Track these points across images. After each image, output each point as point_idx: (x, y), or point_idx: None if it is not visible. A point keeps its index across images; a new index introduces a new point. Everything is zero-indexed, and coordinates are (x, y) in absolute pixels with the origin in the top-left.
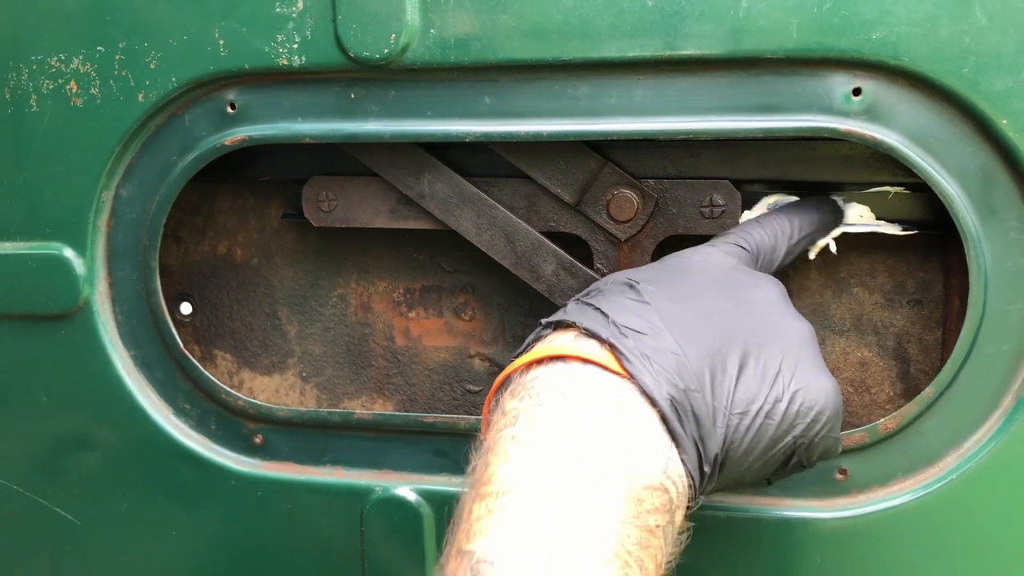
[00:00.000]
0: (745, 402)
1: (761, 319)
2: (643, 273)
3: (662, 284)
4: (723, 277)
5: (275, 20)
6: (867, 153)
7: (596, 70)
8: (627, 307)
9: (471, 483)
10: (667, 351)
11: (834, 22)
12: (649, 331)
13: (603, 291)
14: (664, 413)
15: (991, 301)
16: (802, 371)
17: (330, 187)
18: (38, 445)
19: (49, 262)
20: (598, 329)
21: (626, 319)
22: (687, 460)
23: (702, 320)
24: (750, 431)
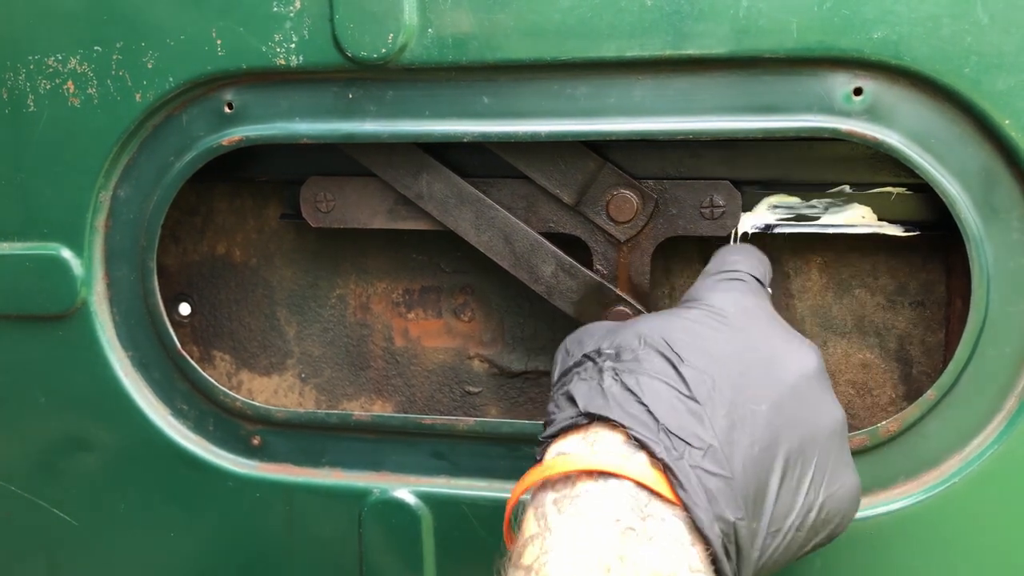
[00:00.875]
0: (780, 519)
1: (801, 411)
2: (676, 331)
3: (704, 358)
4: (764, 344)
5: (273, 20)
6: (868, 153)
7: (595, 70)
8: (676, 407)
9: None
10: (718, 473)
11: (835, 21)
12: (700, 445)
13: (640, 363)
14: (715, 552)
15: (993, 303)
16: (832, 474)
17: (328, 187)
18: (36, 446)
19: (47, 263)
20: (650, 441)
21: (677, 425)
22: None
23: (749, 418)
24: (780, 547)
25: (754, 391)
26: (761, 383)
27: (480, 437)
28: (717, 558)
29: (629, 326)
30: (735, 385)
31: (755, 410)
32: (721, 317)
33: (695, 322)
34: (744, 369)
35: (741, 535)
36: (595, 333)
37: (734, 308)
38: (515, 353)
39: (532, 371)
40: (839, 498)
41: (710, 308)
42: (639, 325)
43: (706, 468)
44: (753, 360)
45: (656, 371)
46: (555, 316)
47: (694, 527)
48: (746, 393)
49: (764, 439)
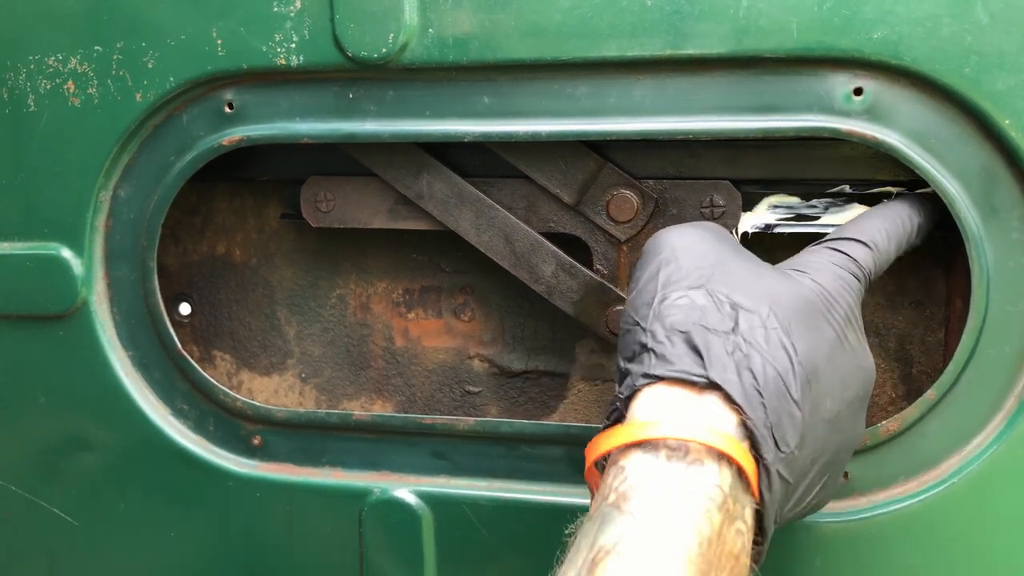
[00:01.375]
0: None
1: (848, 433)
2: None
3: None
4: (846, 357)
5: (273, 20)
6: (868, 153)
7: (595, 70)
8: (783, 408)
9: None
10: (787, 478)
11: (835, 21)
12: (786, 450)
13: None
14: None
15: (993, 302)
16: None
17: (328, 187)
18: (36, 446)
19: (47, 262)
20: (761, 439)
21: (778, 425)
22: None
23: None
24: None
25: (831, 401)
26: (835, 407)
27: (480, 437)
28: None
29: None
30: (823, 379)
31: (823, 422)
32: (830, 311)
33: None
34: (830, 364)
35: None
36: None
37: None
38: (515, 353)
39: (532, 371)
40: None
41: (823, 293)
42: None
43: (781, 473)
44: (834, 373)
45: (777, 361)
46: (555, 316)
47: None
48: (824, 404)
49: (817, 452)
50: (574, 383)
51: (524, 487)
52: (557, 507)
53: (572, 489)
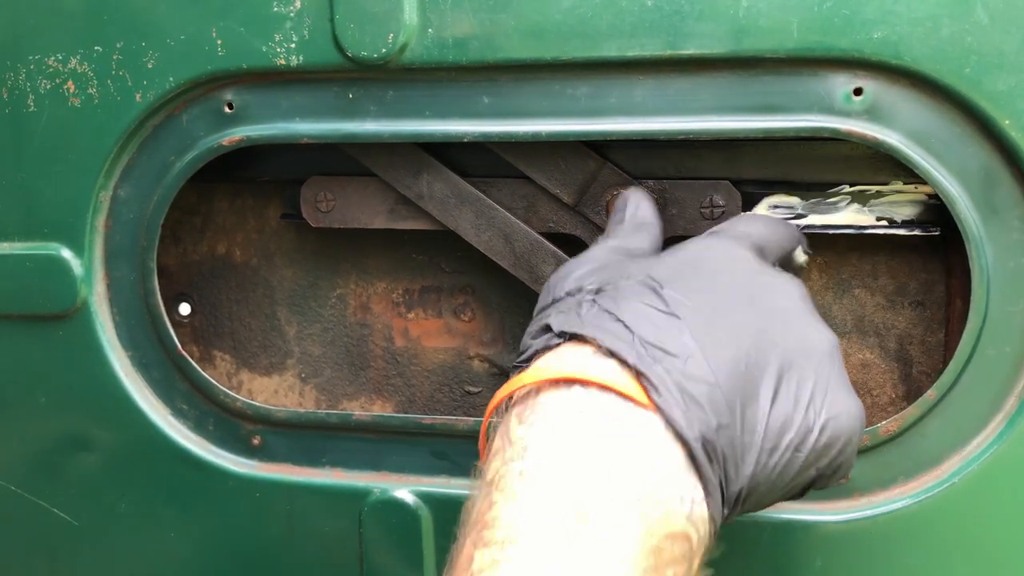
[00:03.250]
0: (776, 435)
1: (791, 331)
2: (662, 269)
3: (687, 287)
4: (748, 278)
5: (273, 20)
6: (868, 153)
7: (595, 70)
8: (653, 319)
9: (472, 522)
10: (699, 378)
11: (835, 21)
12: (679, 352)
13: (621, 290)
14: (694, 454)
15: (993, 303)
16: (832, 395)
17: (328, 187)
18: (36, 446)
19: (47, 262)
20: (622, 349)
21: (654, 335)
22: (711, 503)
23: (733, 336)
24: (777, 467)
25: (741, 315)
26: (747, 308)
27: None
28: (698, 461)
29: (613, 267)
30: (718, 309)
31: (742, 327)
32: (704, 259)
33: (680, 262)
34: (729, 297)
35: (724, 442)
36: (573, 271)
37: (720, 252)
38: (515, 353)
39: None
40: (842, 419)
41: (694, 252)
42: (626, 265)
43: (686, 373)
44: (738, 289)
45: (637, 296)
46: None
47: (670, 429)
48: (731, 316)
49: (752, 355)
50: None
51: None
52: None
53: None
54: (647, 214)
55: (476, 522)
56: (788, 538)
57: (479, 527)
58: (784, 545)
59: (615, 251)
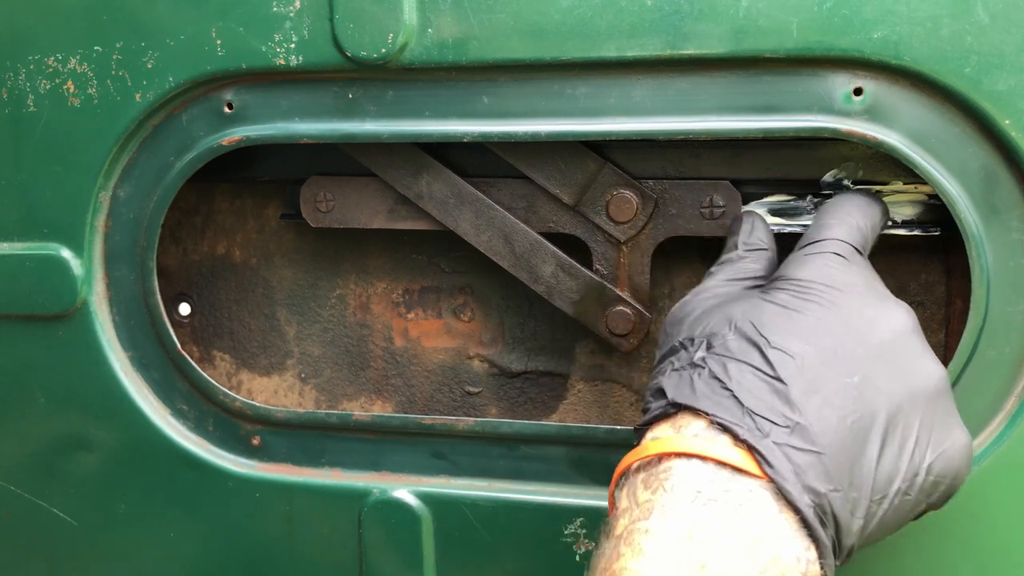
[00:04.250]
0: (884, 486)
1: (896, 373)
2: (767, 313)
3: (791, 337)
4: (854, 315)
5: (272, 20)
6: (868, 153)
7: (595, 70)
8: (759, 390)
9: (600, 569)
10: (807, 448)
11: (835, 21)
12: (787, 423)
13: (729, 350)
14: (807, 519)
15: (993, 303)
16: (938, 433)
17: (328, 187)
18: (36, 446)
19: (46, 262)
20: (734, 425)
21: (761, 407)
22: (825, 563)
23: (839, 392)
24: (888, 513)
25: (846, 364)
26: (852, 354)
27: (480, 437)
28: (811, 526)
29: (722, 308)
30: (824, 360)
31: (847, 383)
32: (808, 293)
33: (783, 304)
34: (834, 343)
35: (836, 505)
36: (691, 313)
37: (822, 284)
38: (515, 353)
39: (532, 371)
40: (948, 457)
41: (797, 285)
42: (731, 308)
43: (793, 444)
44: (843, 332)
45: (743, 355)
46: (555, 316)
47: (782, 498)
48: (837, 368)
49: (858, 410)
50: (574, 383)
51: (524, 487)
52: (556, 507)
53: (572, 489)
54: (761, 236)
55: (605, 570)
56: None
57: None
58: None
59: (727, 283)
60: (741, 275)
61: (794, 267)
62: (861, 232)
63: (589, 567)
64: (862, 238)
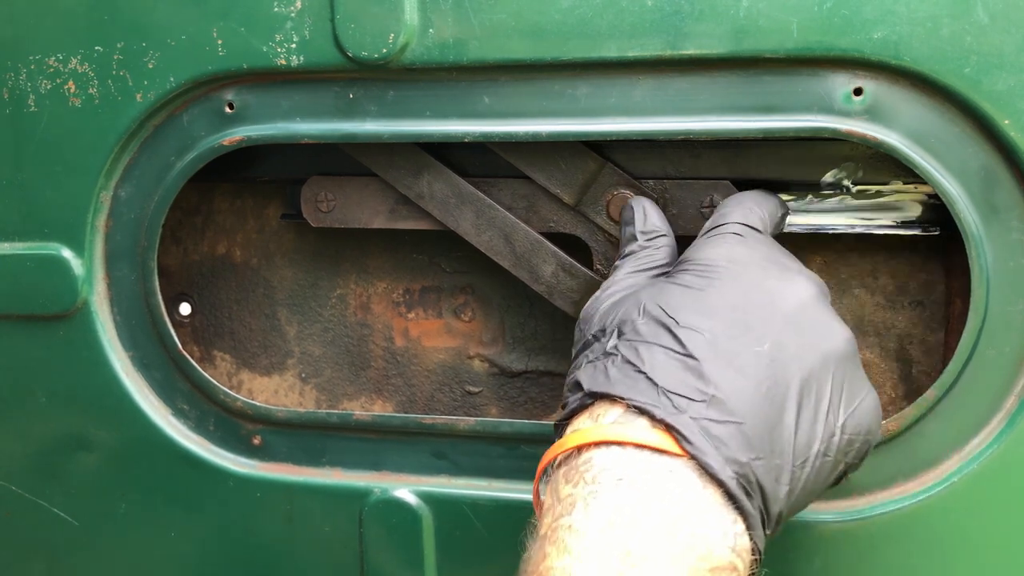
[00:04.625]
0: (805, 449)
1: (806, 338)
2: (674, 296)
3: (699, 315)
4: (757, 286)
5: (273, 20)
6: (868, 153)
7: (595, 70)
8: (672, 368)
9: (528, 571)
10: (725, 420)
11: (835, 22)
12: (702, 397)
13: (640, 333)
14: (731, 491)
15: (993, 302)
16: (848, 393)
17: (329, 187)
18: (36, 446)
19: (47, 262)
20: (649, 406)
21: (676, 384)
22: (753, 534)
23: (752, 362)
24: (810, 476)
25: (755, 333)
26: (760, 324)
27: (480, 437)
28: (736, 498)
29: (631, 296)
30: (733, 334)
31: (758, 351)
32: (712, 271)
33: (688, 285)
34: (741, 316)
35: (760, 474)
36: (600, 308)
37: (724, 260)
38: (515, 353)
39: (532, 371)
40: (859, 415)
41: (700, 265)
42: (640, 294)
43: (710, 417)
44: (748, 305)
45: (654, 337)
46: (556, 316)
47: (705, 473)
48: (746, 338)
49: (771, 377)
50: None
51: (524, 487)
52: None
53: None
54: (655, 223)
55: (532, 573)
56: (788, 538)
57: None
58: (784, 545)
59: (634, 273)
60: (645, 265)
61: (695, 250)
62: (757, 214)
63: (519, 572)
64: (759, 220)
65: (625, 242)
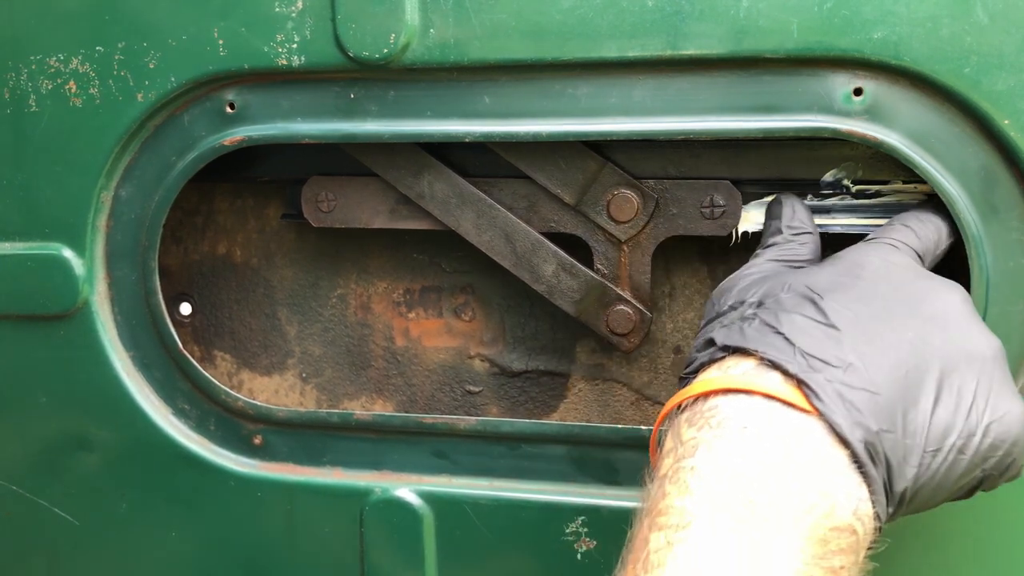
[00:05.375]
0: (939, 438)
1: (951, 336)
2: (822, 279)
3: (846, 297)
4: (907, 285)
5: (274, 20)
6: (868, 153)
7: (596, 70)
8: (812, 332)
9: (646, 510)
10: (859, 387)
11: (835, 22)
12: (839, 363)
13: (782, 303)
14: (857, 455)
15: (993, 302)
16: (996, 398)
17: (329, 187)
18: (37, 446)
19: (48, 262)
20: (784, 360)
21: (814, 347)
22: (876, 501)
23: (893, 344)
24: (941, 468)
25: (899, 321)
26: (906, 315)
27: (481, 436)
28: (862, 462)
29: (774, 277)
30: (878, 317)
31: (901, 338)
32: (863, 268)
33: (839, 272)
34: (888, 304)
35: (887, 445)
36: (739, 284)
37: (877, 260)
38: (516, 353)
39: (533, 370)
40: (1007, 422)
41: (851, 263)
42: (785, 276)
43: (846, 382)
44: (896, 297)
45: (796, 308)
46: (556, 315)
47: (833, 433)
48: (891, 323)
49: (912, 361)
50: (574, 383)
51: (525, 486)
52: (558, 506)
53: (573, 488)
54: (803, 219)
55: (651, 510)
56: None
57: (654, 514)
58: None
59: (776, 261)
60: (788, 256)
61: (847, 251)
62: (918, 237)
63: (635, 513)
64: (920, 243)
65: (769, 234)
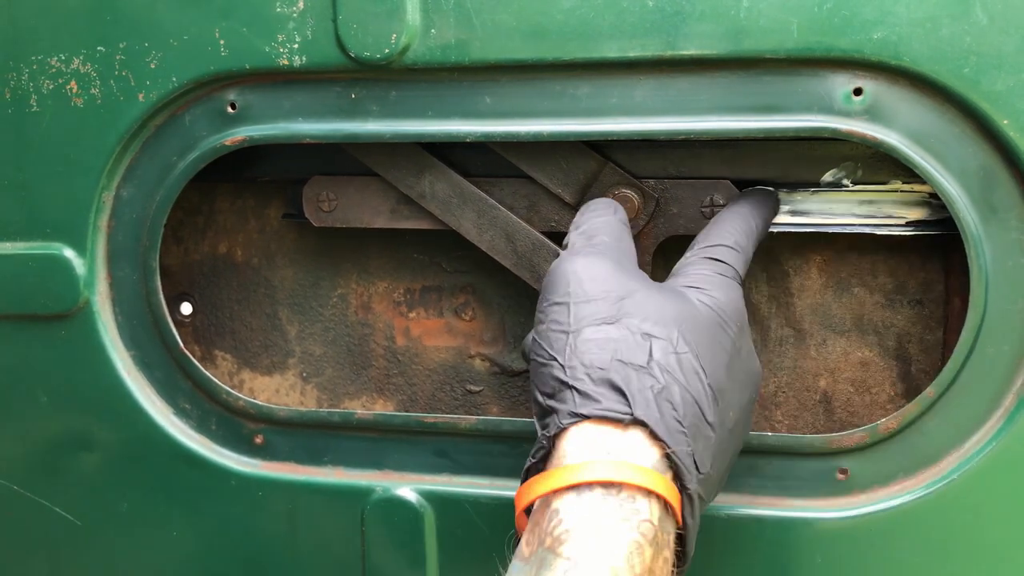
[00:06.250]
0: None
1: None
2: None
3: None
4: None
5: (276, 20)
6: (868, 153)
7: (596, 70)
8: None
9: None
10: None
11: (835, 22)
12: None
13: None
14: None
15: (992, 301)
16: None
17: (330, 187)
18: (38, 445)
19: (49, 262)
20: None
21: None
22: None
23: (728, 445)
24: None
25: (732, 411)
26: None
27: (482, 435)
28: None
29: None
30: (725, 406)
31: (728, 432)
32: (727, 326)
33: (710, 324)
34: (734, 384)
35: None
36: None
37: (735, 315)
38: (516, 352)
39: None
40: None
41: (720, 309)
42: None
43: (701, 495)
44: (737, 372)
45: (691, 387)
46: None
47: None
48: (727, 415)
49: (724, 464)
50: None
51: None
52: None
53: None
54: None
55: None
56: (788, 535)
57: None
58: (784, 542)
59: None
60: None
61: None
62: (746, 254)
63: None
64: (745, 261)
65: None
